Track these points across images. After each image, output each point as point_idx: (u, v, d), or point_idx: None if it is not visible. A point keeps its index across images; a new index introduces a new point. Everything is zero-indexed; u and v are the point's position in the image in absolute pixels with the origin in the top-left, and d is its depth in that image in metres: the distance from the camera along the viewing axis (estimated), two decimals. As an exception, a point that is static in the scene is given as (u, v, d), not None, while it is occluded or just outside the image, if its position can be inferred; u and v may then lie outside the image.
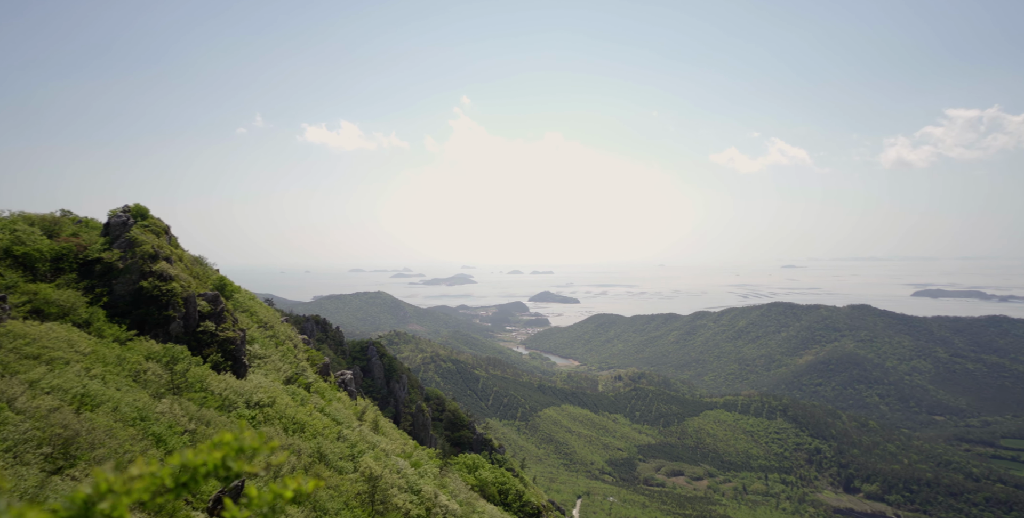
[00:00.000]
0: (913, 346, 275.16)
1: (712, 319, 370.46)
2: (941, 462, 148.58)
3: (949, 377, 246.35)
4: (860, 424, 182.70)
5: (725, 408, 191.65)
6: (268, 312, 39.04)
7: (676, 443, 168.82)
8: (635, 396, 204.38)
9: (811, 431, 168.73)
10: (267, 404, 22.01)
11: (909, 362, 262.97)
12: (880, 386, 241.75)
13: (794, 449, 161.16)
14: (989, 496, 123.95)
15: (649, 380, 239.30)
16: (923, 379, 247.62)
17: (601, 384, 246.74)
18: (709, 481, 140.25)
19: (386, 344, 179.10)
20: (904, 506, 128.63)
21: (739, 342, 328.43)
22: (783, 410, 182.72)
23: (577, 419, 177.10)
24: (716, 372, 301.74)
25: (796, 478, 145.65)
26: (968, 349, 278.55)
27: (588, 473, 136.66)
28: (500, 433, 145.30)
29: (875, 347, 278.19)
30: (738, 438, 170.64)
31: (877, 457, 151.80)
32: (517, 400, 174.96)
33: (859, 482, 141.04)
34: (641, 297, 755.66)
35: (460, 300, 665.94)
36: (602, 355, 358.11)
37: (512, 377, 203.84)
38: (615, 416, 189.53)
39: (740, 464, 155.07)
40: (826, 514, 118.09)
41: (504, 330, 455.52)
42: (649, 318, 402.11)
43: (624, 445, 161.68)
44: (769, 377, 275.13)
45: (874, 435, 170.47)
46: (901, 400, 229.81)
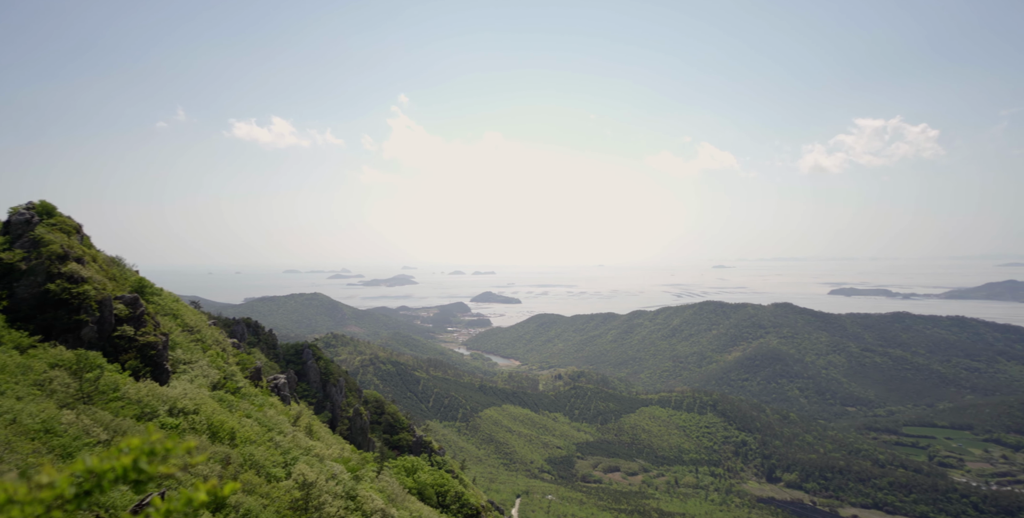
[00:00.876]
0: (829, 341, 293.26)
1: (648, 318, 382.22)
2: (852, 450, 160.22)
3: (860, 370, 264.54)
4: (782, 417, 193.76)
5: (660, 404, 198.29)
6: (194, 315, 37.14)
7: (613, 440, 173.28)
8: (575, 395, 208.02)
9: (738, 425, 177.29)
10: (192, 411, 20.98)
11: (826, 356, 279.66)
12: (800, 380, 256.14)
13: (723, 442, 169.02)
14: (892, 480, 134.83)
15: (588, 378, 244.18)
16: (837, 372, 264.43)
17: (542, 383, 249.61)
18: (644, 476, 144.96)
19: (323, 347, 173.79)
20: (819, 493, 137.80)
21: (673, 340, 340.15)
22: (713, 405, 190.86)
23: (518, 419, 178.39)
24: (652, 369, 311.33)
25: (724, 470, 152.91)
26: (876, 344, 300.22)
27: (528, 472, 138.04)
28: (440, 435, 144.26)
29: (796, 343, 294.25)
30: (671, 433, 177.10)
31: (796, 447, 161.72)
32: (458, 401, 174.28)
33: (780, 472, 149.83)
34: (581, 297, 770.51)
35: (401, 301, 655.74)
36: (543, 355, 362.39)
37: (453, 378, 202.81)
38: (555, 415, 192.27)
39: (673, 458, 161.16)
40: (750, 503, 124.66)
41: (446, 331, 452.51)
42: (589, 317, 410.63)
43: (563, 443, 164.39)
44: (701, 373, 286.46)
45: (794, 427, 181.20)
46: (818, 393, 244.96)
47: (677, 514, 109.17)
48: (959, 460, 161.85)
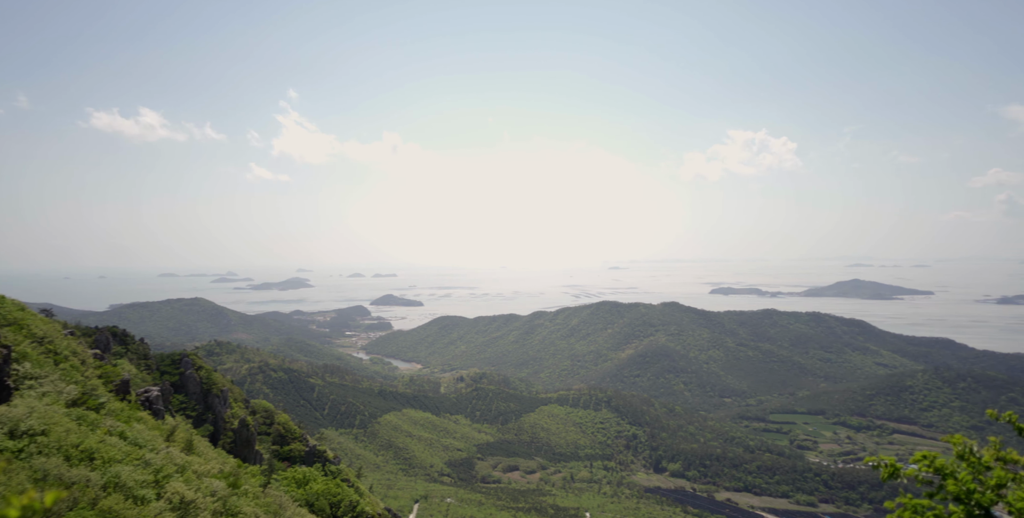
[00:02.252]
0: (710, 337, 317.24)
1: (549, 318, 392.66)
2: (728, 438, 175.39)
3: (735, 363, 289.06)
4: (669, 410, 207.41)
5: (558, 403, 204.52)
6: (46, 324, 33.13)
7: (513, 439, 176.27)
8: (476, 396, 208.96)
9: (630, 419, 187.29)
10: (39, 432, 18.83)
11: (707, 352, 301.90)
12: (685, 374, 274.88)
13: (616, 437, 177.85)
14: (760, 464, 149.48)
15: (490, 379, 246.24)
16: (717, 366, 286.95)
17: (443, 386, 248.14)
18: (542, 473, 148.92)
19: (204, 355, 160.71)
20: (699, 480, 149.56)
21: (572, 339, 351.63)
22: (607, 401, 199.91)
23: (418, 423, 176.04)
24: (552, 369, 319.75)
25: (616, 463, 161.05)
26: (749, 338, 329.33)
27: (427, 476, 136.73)
28: (336, 443, 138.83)
29: (682, 340, 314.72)
30: (569, 430, 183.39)
31: (681, 438, 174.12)
32: (356, 407, 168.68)
33: (666, 462, 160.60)
34: (484, 299, 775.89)
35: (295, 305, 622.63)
36: (445, 357, 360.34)
37: (351, 384, 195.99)
38: (456, 417, 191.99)
39: (570, 454, 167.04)
40: (639, 494, 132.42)
41: (344, 335, 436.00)
42: (491, 319, 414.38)
43: (464, 445, 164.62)
44: (597, 371, 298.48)
45: (679, 419, 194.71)
46: (700, 386, 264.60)
47: (571, 509, 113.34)
48: (814, 442, 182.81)
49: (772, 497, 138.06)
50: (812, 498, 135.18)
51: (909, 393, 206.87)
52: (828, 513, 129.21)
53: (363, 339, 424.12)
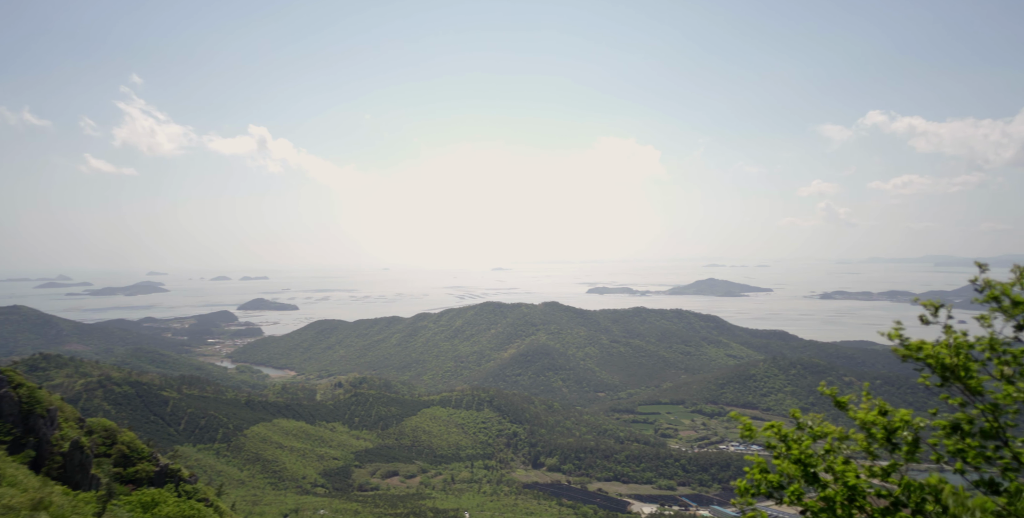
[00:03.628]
0: (587, 335, 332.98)
1: (432, 320, 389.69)
2: (601, 431, 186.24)
3: (609, 359, 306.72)
4: (548, 406, 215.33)
5: (441, 404, 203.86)
6: None
7: (394, 444, 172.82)
8: (356, 402, 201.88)
9: (511, 417, 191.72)
10: None
11: (583, 349, 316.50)
12: (563, 371, 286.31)
13: (497, 435, 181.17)
14: (629, 454, 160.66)
15: (371, 384, 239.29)
16: (592, 363, 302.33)
17: (320, 393, 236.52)
18: (422, 477, 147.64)
19: (26, 371, 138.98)
20: (574, 472, 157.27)
21: (456, 341, 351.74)
22: (489, 401, 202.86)
23: (291, 433, 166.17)
24: (435, 371, 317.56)
25: (496, 462, 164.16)
26: (621, 335, 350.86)
27: (299, 488, 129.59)
28: (194, 460, 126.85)
29: (561, 338, 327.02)
30: (451, 432, 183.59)
31: (558, 433, 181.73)
32: (218, 420, 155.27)
33: (544, 458, 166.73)
34: (365, 301, 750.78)
35: (144, 312, 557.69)
36: (323, 363, 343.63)
37: (213, 395, 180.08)
38: (333, 424, 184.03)
39: (451, 456, 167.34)
40: (517, 491, 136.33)
41: (206, 343, 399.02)
42: (373, 322, 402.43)
43: (341, 453, 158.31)
44: (480, 371, 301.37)
45: (557, 415, 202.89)
46: (577, 382, 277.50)
47: (451, 510, 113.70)
48: (675, 430, 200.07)
49: (638, 484, 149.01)
50: (672, 482, 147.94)
51: (753, 381, 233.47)
52: (685, 494, 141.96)
53: (228, 347, 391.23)
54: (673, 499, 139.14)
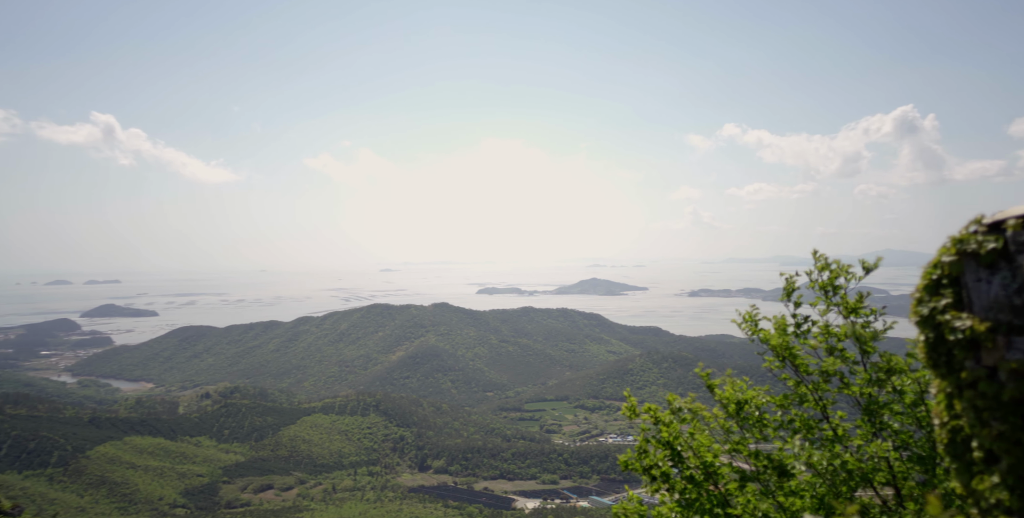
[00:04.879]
0: (476, 336, 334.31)
1: (315, 324, 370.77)
2: (489, 430, 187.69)
3: (497, 359, 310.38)
4: (436, 408, 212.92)
5: (323, 411, 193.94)
6: None
7: (269, 456, 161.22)
8: (226, 413, 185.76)
9: (398, 421, 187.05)
10: None
11: (473, 349, 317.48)
12: (453, 372, 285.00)
13: (383, 440, 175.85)
14: (515, 451, 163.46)
15: (244, 393, 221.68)
16: (481, 363, 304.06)
17: (183, 406, 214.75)
18: (300, 488, 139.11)
19: None
20: (461, 473, 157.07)
21: (341, 344, 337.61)
22: (376, 405, 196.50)
23: (146, 451, 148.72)
24: (318, 376, 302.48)
25: (381, 468, 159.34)
26: (510, 335, 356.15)
27: (154, 511, 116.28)
28: (19, 489, 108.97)
29: (451, 339, 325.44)
30: (333, 439, 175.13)
31: (446, 435, 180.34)
32: (53, 442, 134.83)
33: (431, 460, 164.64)
34: (239, 305, 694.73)
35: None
36: (187, 373, 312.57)
37: (47, 414, 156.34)
38: (199, 439, 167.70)
39: (333, 464, 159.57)
40: (402, 495, 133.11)
41: (38, 356, 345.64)
42: (248, 327, 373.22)
43: (207, 470, 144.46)
44: (367, 375, 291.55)
45: (446, 416, 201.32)
46: (466, 382, 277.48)
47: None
48: (559, 426, 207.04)
49: (523, 480, 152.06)
50: (555, 476, 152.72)
51: (630, 375, 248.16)
52: (567, 487, 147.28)
53: (69, 359, 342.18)
54: (556, 493, 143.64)
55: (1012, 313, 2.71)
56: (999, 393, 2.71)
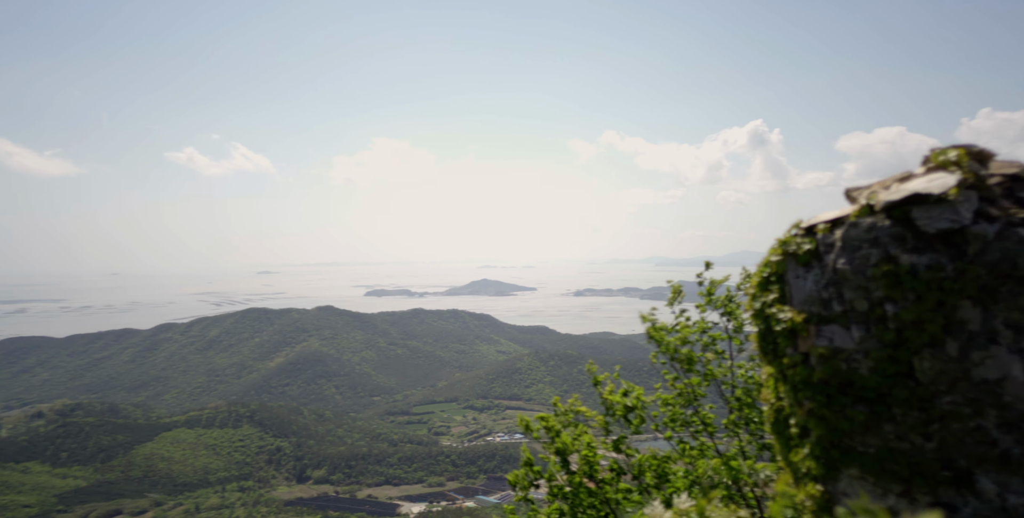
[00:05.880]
0: (364, 339, 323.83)
1: (180, 331, 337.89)
2: (375, 436, 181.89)
3: (386, 362, 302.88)
4: (319, 416, 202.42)
5: (187, 425, 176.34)
6: None
7: (118, 478, 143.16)
8: (64, 434, 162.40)
9: (275, 431, 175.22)
10: None
11: (360, 353, 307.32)
12: (337, 378, 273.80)
13: (257, 453, 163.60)
14: (402, 456, 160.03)
15: (88, 410, 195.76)
16: (369, 367, 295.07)
17: (7, 428, 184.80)
18: (156, 511, 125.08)
19: None
20: (343, 482, 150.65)
21: (210, 353, 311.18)
22: (250, 416, 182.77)
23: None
24: (181, 388, 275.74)
25: (255, 482, 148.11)
26: (399, 337, 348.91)
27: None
28: None
29: (336, 343, 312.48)
30: (199, 455, 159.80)
31: (329, 443, 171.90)
32: None
33: (311, 470, 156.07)
34: (84, 313, 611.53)
35: None
36: (13, 390, 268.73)
37: None
38: (26, 465, 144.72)
39: (197, 482, 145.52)
40: (277, 510, 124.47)
41: None
42: (94, 336, 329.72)
43: (36, 499, 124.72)
44: (240, 384, 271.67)
45: (329, 424, 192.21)
46: (352, 388, 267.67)
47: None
48: (448, 427, 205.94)
49: (409, 485, 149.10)
50: (442, 478, 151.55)
51: (518, 374, 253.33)
52: (453, 489, 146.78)
53: None
54: (442, 495, 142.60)
55: (821, 305, 3.26)
56: (810, 375, 3.22)
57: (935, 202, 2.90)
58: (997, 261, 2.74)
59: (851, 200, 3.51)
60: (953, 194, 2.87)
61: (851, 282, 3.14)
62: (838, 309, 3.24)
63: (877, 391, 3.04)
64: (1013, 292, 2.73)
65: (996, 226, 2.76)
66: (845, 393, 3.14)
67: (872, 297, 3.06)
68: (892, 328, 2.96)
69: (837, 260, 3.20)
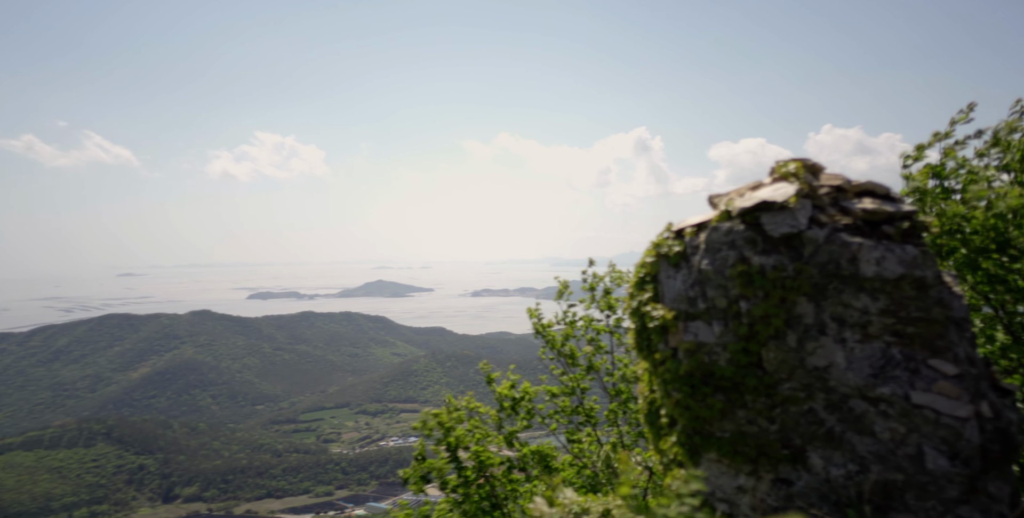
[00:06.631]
0: (246, 345, 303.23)
1: (18, 341, 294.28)
2: (256, 447, 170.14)
3: (271, 368, 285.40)
4: (191, 429, 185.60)
5: (24, 448, 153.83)
6: None
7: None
8: None
9: (137, 449, 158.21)
10: None
11: (241, 360, 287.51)
12: (214, 387, 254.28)
13: (114, 473, 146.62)
14: (287, 466, 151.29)
15: None
16: (251, 374, 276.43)
17: None
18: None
19: None
20: (219, 498, 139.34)
21: (56, 364, 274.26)
22: (106, 433, 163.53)
23: None
24: (18, 406, 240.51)
25: (109, 506, 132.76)
26: (286, 342, 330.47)
27: None
28: None
29: (213, 350, 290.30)
30: (39, 480, 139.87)
31: (202, 458, 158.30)
32: None
33: (180, 488, 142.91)
34: None
35: None
36: None
37: None
38: None
39: (35, 512, 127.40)
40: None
41: None
42: None
43: None
44: (95, 399, 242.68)
45: (203, 437, 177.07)
46: (231, 397, 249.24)
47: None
48: (338, 434, 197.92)
49: (294, 496, 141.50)
50: (330, 487, 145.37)
51: (415, 376, 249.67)
52: (342, 497, 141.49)
53: None
54: (330, 504, 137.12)
55: (688, 303, 3.67)
56: (678, 368, 3.60)
57: (779, 209, 3.32)
58: (826, 262, 3.21)
59: (713, 206, 3.87)
60: (793, 202, 3.29)
61: (713, 281, 3.50)
62: (702, 306, 3.58)
63: (733, 381, 3.40)
64: (837, 289, 3.20)
65: (825, 231, 3.25)
66: (707, 384, 3.50)
67: (730, 295, 3.42)
68: (745, 323, 3.34)
69: (701, 261, 3.55)
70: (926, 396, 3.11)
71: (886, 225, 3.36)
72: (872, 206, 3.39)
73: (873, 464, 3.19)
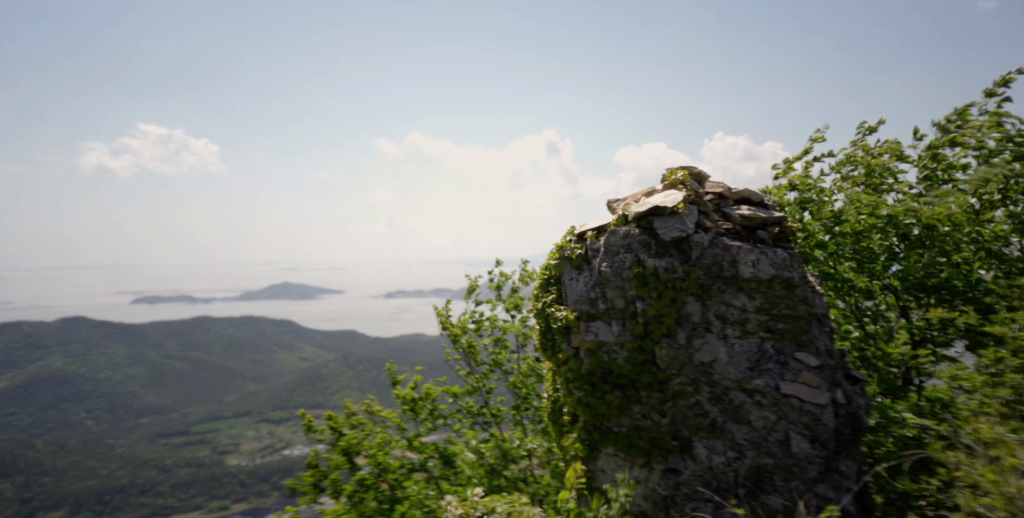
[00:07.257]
0: (129, 354, 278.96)
1: None
2: (140, 463, 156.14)
3: (159, 378, 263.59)
4: (59, 447, 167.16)
5: None
6: None
7: None
8: None
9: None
10: None
11: (123, 370, 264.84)
12: (90, 400, 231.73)
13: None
14: (176, 482, 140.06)
15: None
16: (135, 385, 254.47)
17: None
18: None
19: None
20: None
21: None
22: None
23: None
24: None
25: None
26: (178, 349, 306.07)
27: None
28: None
29: (88, 360, 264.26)
30: None
31: (73, 478, 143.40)
32: None
33: (44, 513, 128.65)
34: None
35: None
36: None
37: None
38: None
39: None
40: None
41: None
42: None
43: None
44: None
45: (74, 455, 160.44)
46: (111, 410, 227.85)
47: None
48: (236, 445, 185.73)
49: (183, 514, 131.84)
50: (226, 502, 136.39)
51: (323, 381, 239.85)
52: (240, 511, 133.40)
53: None
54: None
55: (589, 304, 3.98)
56: (580, 367, 3.92)
57: (669, 214, 3.70)
58: (710, 264, 3.63)
59: (612, 210, 4.21)
60: (681, 208, 3.68)
61: (612, 283, 3.81)
62: (602, 307, 3.90)
63: (629, 377, 3.75)
64: (720, 290, 3.63)
65: (709, 235, 3.68)
66: (606, 381, 3.82)
67: (627, 296, 3.75)
68: (641, 322, 3.68)
69: (601, 263, 3.86)
70: (793, 386, 3.55)
71: (760, 230, 3.81)
72: (748, 212, 3.83)
73: (749, 450, 3.59)
